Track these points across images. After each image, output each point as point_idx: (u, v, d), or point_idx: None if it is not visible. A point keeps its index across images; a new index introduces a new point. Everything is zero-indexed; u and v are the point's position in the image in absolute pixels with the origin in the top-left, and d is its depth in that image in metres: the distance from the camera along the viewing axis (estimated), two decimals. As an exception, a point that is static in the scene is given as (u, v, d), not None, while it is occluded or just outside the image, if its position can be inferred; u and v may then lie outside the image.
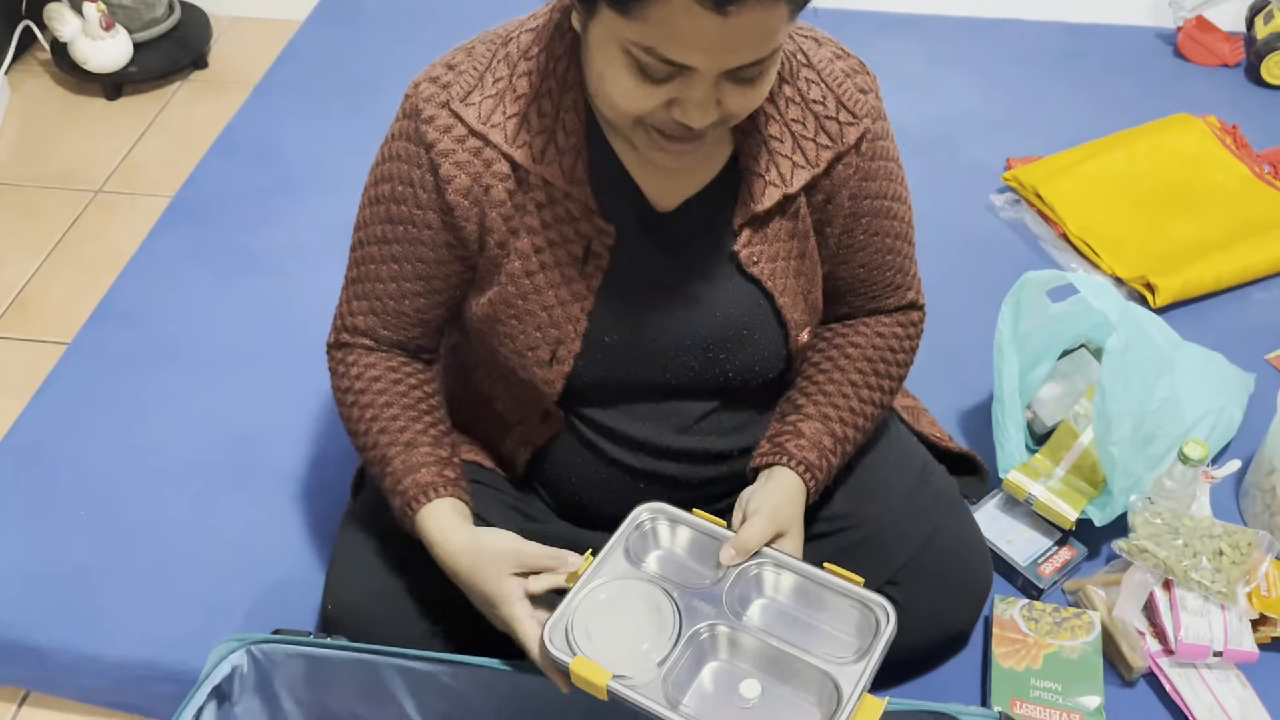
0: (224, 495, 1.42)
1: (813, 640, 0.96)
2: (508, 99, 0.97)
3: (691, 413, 1.10)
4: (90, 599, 1.30)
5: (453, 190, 0.99)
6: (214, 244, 1.81)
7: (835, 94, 1.01)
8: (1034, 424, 1.42)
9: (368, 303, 1.08)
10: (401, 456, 1.04)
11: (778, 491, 1.03)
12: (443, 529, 1.01)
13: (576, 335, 1.02)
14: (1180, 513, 1.24)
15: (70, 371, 1.59)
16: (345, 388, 1.10)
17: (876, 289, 1.13)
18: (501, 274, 1.02)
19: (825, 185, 1.03)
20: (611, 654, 0.92)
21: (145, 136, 2.17)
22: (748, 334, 1.06)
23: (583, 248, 1.00)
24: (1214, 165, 1.88)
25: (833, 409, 1.09)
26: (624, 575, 0.99)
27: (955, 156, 1.94)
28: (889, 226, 1.09)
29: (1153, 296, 1.64)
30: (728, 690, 0.94)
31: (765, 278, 1.04)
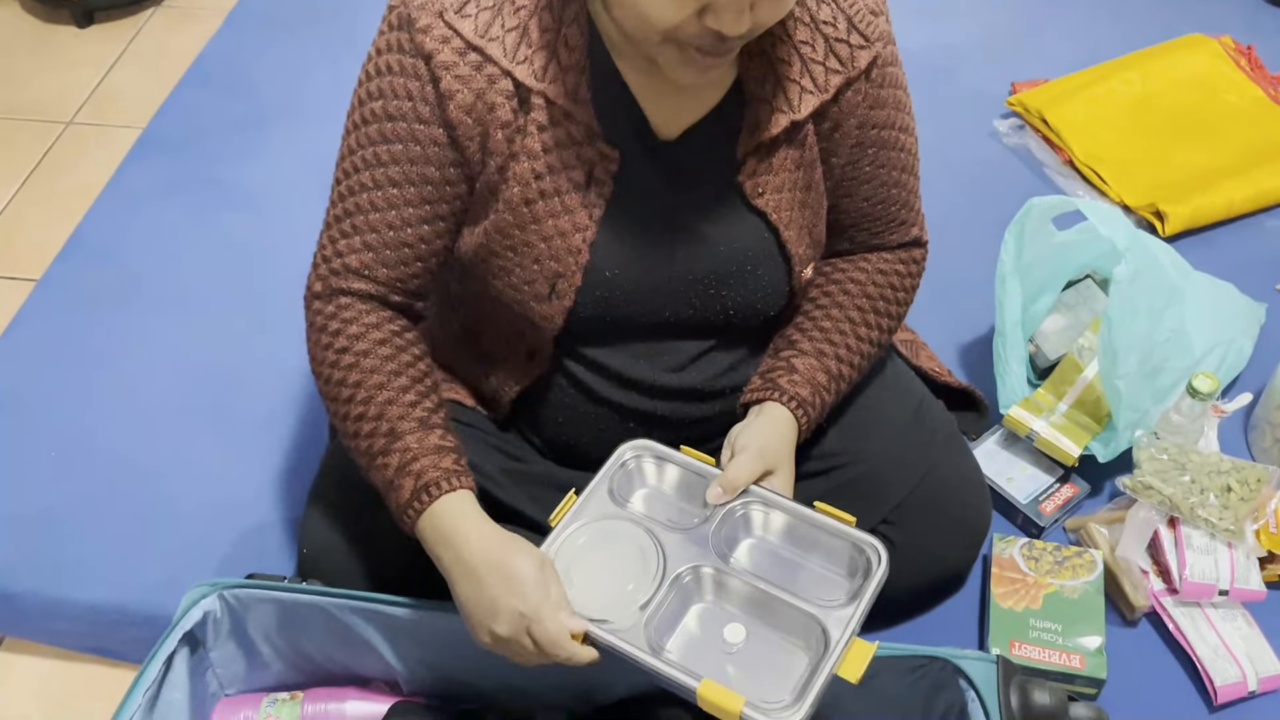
0: (199, 437, 1.38)
1: (801, 582, 0.92)
2: (506, 11, 0.90)
3: (687, 351, 1.06)
4: (61, 542, 1.27)
5: (455, 106, 0.92)
6: (187, 177, 1.75)
7: (846, 15, 0.96)
8: (1036, 358, 1.37)
9: (361, 237, 0.97)
10: (415, 434, 0.93)
11: (767, 427, 1.00)
12: (469, 515, 0.91)
13: (577, 268, 0.97)
14: (1187, 448, 1.20)
15: (39, 310, 1.54)
16: (340, 347, 0.97)
17: (880, 224, 1.09)
18: (499, 202, 0.96)
19: (833, 113, 0.99)
20: (593, 598, 0.89)
21: (118, 66, 2.10)
22: (751, 269, 1.02)
23: (585, 173, 0.95)
24: (1227, 88, 1.81)
25: (828, 345, 1.05)
26: (607, 515, 0.96)
27: (957, 81, 1.88)
28: (896, 159, 1.04)
29: (1162, 225, 1.59)
30: (713, 634, 0.91)
31: (770, 210, 0.99)
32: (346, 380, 0.96)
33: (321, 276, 0.99)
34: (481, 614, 0.88)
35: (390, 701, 1.08)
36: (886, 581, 0.91)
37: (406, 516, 0.92)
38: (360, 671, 1.10)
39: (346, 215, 0.97)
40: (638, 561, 0.92)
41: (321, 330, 0.98)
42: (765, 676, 0.88)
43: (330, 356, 0.97)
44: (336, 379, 0.96)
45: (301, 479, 1.31)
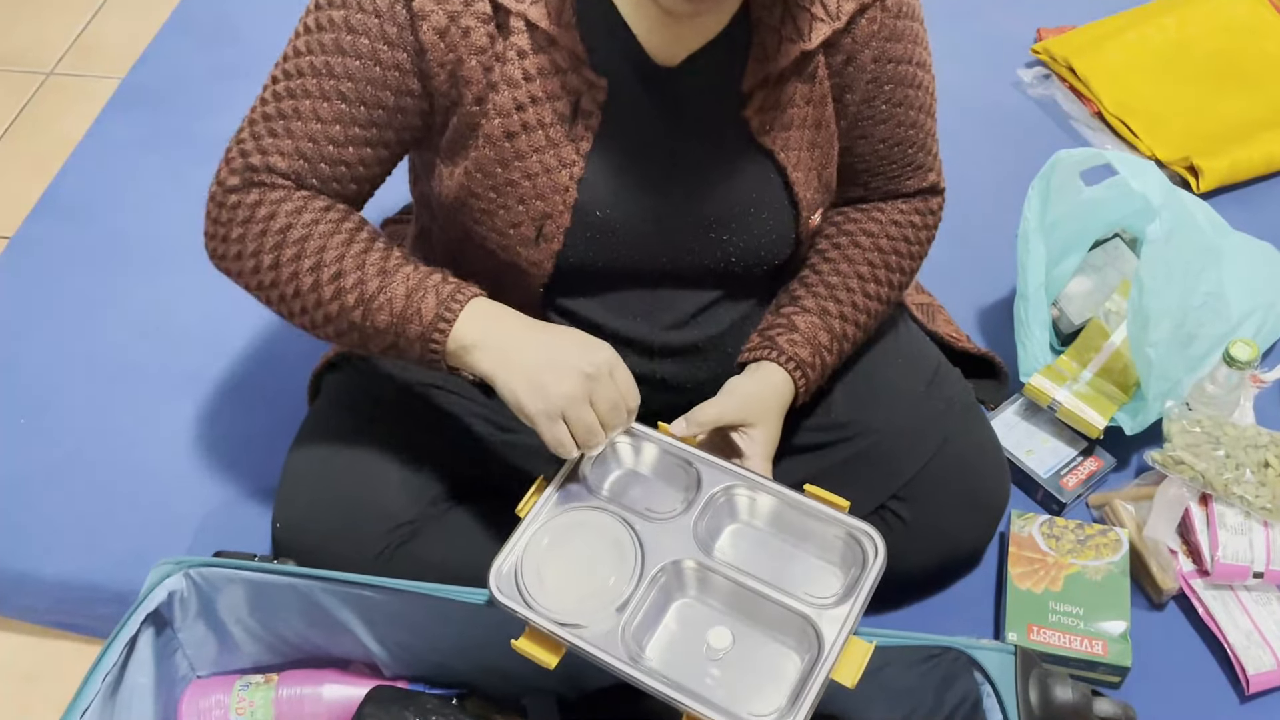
0: (172, 403, 1.32)
1: (791, 575, 0.86)
2: None
3: (687, 306, 1.00)
4: (28, 514, 1.22)
5: (428, 28, 0.85)
6: (166, 131, 1.69)
7: None
8: (1060, 322, 1.31)
9: (295, 142, 0.89)
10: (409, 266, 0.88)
11: (758, 382, 0.95)
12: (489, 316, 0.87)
13: (565, 208, 0.91)
14: (1222, 420, 1.13)
15: (9, 269, 1.49)
16: (283, 225, 0.89)
17: (896, 168, 1.02)
18: (478, 137, 0.90)
19: (846, 44, 0.92)
20: (565, 599, 0.83)
21: (100, 13, 2.02)
22: (755, 212, 0.96)
23: (570, 104, 0.89)
24: (1266, 34, 1.74)
25: (834, 303, 0.99)
26: (579, 504, 0.89)
27: (979, 26, 1.80)
28: (913, 97, 0.98)
29: (1196, 181, 1.53)
30: (696, 636, 0.85)
31: (778, 148, 0.93)
32: (305, 250, 0.88)
33: (238, 170, 0.91)
34: (566, 357, 0.85)
35: (369, 685, 1.03)
36: (897, 560, 0.85)
37: (438, 332, 0.86)
38: (338, 654, 1.05)
39: (280, 116, 0.90)
40: (614, 557, 0.86)
41: (249, 221, 0.90)
42: (754, 683, 0.82)
43: (272, 240, 0.89)
44: (290, 255, 0.88)
45: (280, 447, 1.25)
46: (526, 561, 0.85)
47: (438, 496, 1.04)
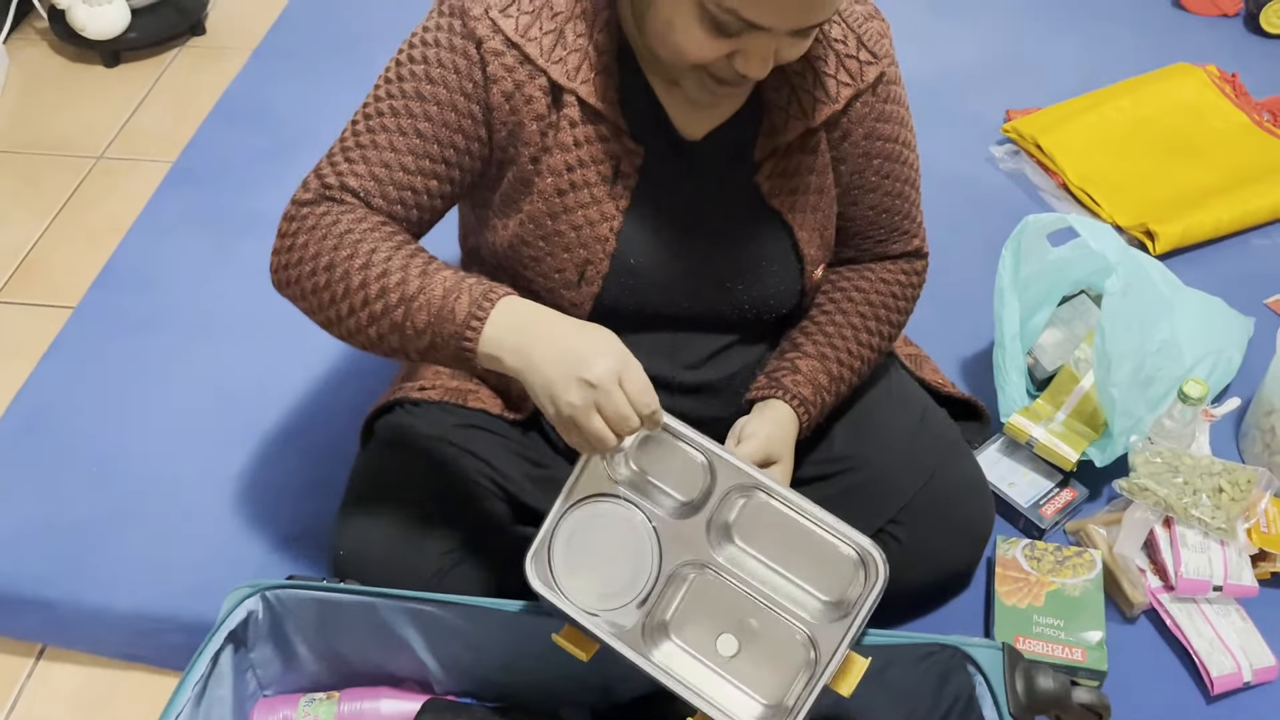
0: (231, 452, 1.43)
1: (797, 585, 0.92)
2: (544, 15, 0.98)
3: (705, 347, 1.12)
4: (102, 553, 1.32)
5: (498, 91, 0.98)
6: (215, 208, 1.82)
7: (856, 33, 1.04)
8: (1035, 369, 1.43)
9: (369, 168, 0.97)
10: (444, 271, 0.92)
11: (772, 421, 1.05)
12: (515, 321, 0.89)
13: (605, 256, 1.04)
14: (1180, 452, 1.25)
15: (76, 334, 1.60)
16: (344, 230, 0.93)
17: (884, 233, 1.15)
18: (533, 192, 1.02)
19: (843, 122, 1.06)
20: (591, 591, 0.91)
21: (145, 103, 2.17)
22: (766, 265, 1.08)
23: (612, 167, 1.02)
24: (1213, 113, 1.88)
25: (831, 349, 1.11)
26: (604, 494, 0.94)
27: (955, 109, 1.95)
28: (899, 170, 1.11)
29: (1153, 244, 1.65)
30: (706, 638, 0.93)
31: (785, 210, 1.06)
32: (359, 251, 0.92)
33: (313, 189, 0.98)
34: (572, 364, 0.86)
35: (422, 699, 1.13)
36: (895, 581, 0.92)
37: (470, 329, 0.88)
38: (394, 671, 1.15)
39: (359, 147, 0.98)
40: (635, 553, 0.91)
41: (314, 228, 0.95)
42: (757, 689, 0.92)
43: (332, 241, 0.93)
44: (345, 255, 0.92)
45: (331, 490, 1.36)
46: (555, 551, 0.92)
47: (483, 524, 1.14)
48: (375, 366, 1.51)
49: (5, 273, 1.80)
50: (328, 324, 0.96)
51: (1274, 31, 2.11)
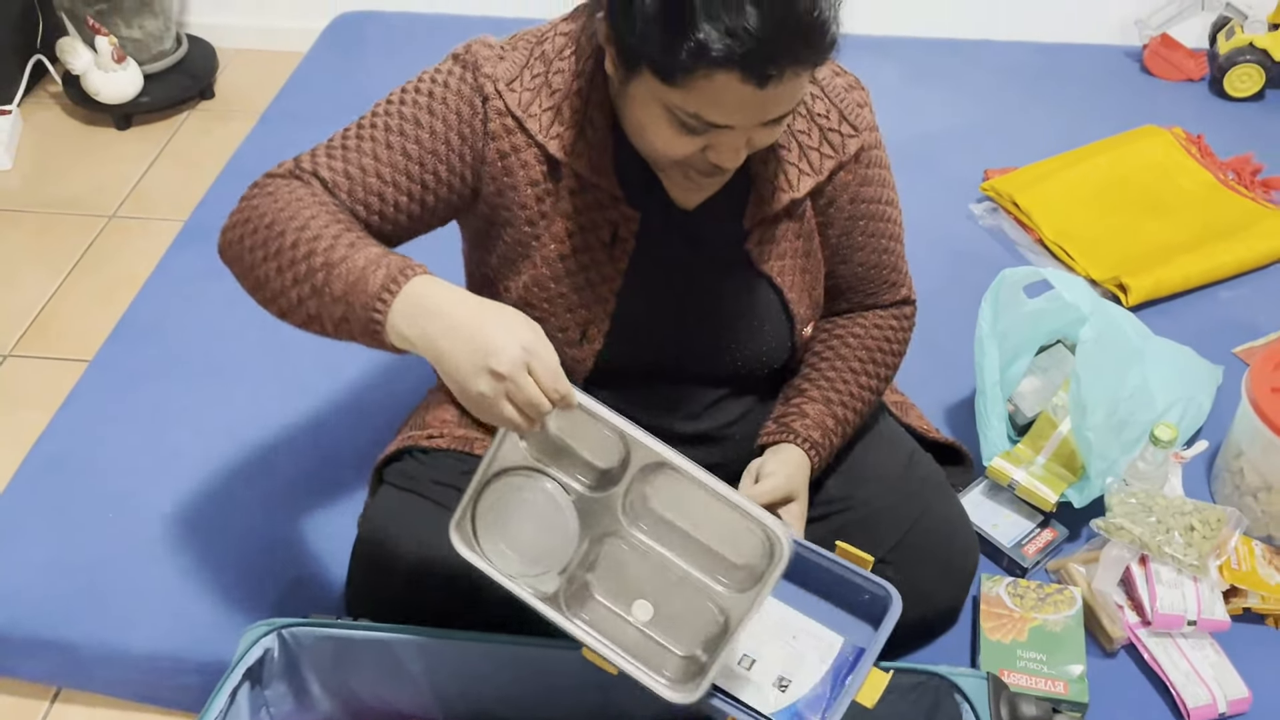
0: (245, 497, 1.48)
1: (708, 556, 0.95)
2: (543, 94, 1.05)
3: (701, 399, 1.18)
4: (118, 596, 1.36)
5: (494, 148, 1.04)
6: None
7: (838, 108, 1.11)
8: (1015, 416, 1.50)
9: (345, 165, 1.00)
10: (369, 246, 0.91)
11: (787, 462, 1.12)
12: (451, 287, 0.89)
13: (605, 315, 1.10)
14: (1153, 493, 1.32)
15: (94, 385, 1.65)
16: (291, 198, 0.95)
17: (873, 286, 1.22)
18: (536, 256, 1.09)
19: (828, 191, 1.13)
20: (513, 558, 0.97)
21: (155, 164, 2.25)
22: (757, 324, 1.14)
23: (610, 232, 1.08)
24: (1180, 173, 1.97)
25: (834, 393, 1.17)
26: (524, 468, 0.96)
27: (936, 169, 2.03)
28: (884, 228, 1.18)
29: (1125, 296, 1.72)
30: (623, 606, 0.97)
31: (774, 274, 1.13)
32: (299, 214, 0.93)
33: (285, 168, 1.01)
34: (480, 356, 0.84)
35: (431, 734, 1.17)
36: None
37: (380, 303, 0.87)
38: (403, 708, 1.19)
39: (342, 149, 1.01)
40: (554, 523, 0.95)
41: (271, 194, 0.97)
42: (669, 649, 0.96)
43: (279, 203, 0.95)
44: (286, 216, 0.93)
45: (341, 533, 1.41)
46: (479, 521, 0.96)
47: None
48: (383, 415, 1.57)
49: (21, 326, 1.86)
50: (257, 286, 0.96)
51: (1237, 95, 2.22)
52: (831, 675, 0.99)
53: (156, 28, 2.32)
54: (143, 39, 2.31)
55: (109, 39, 2.19)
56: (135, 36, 2.29)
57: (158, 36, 2.34)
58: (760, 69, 0.87)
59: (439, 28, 2.46)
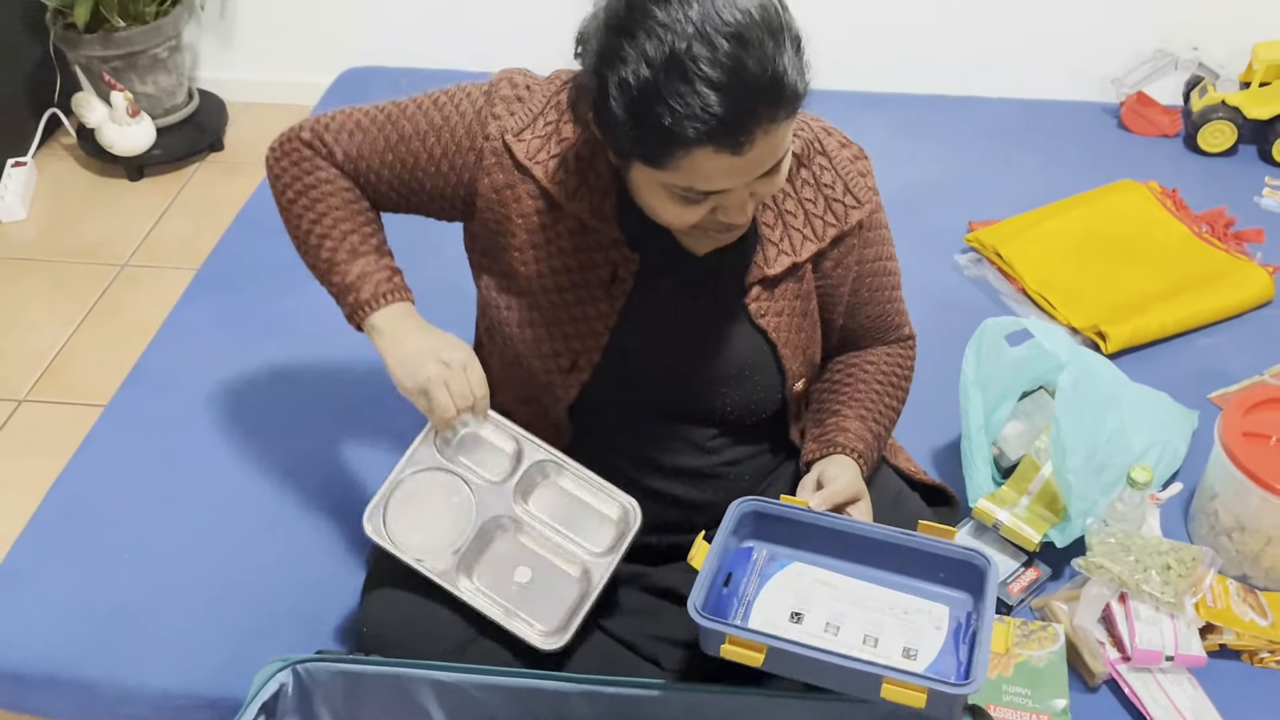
0: (254, 539, 1.53)
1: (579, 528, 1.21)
2: (552, 141, 1.12)
3: (693, 438, 1.23)
4: (134, 635, 1.40)
5: (489, 182, 1.14)
6: (238, 311, 1.94)
7: (843, 179, 1.18)
8: (1000, 459, 1.56)
9: (356, 147, 1.19)
10: (360, 262, 1.19)
11: (847, 468, 1.19)
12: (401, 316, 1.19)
13: (597, 348, 1.17)
14: (1132, 533, 1.37)
15: (108, 430, 1.70)
16: (311, 183, 1.20)
17: (880, 331, 1.31)
18: (535, 285, 1.16)
19: (831, 255, 1.20)
20: (416, 539, 1.18)
21: (166, 215, 2.32)
22: (749, 374, 1.20)
23: (610, 272, 1.15)
24: (1156, 226, 2.05)
25: (866, 410, 1.25)
26: (431, 466, 1.22)
27: (922, 220, 2.10)
28: (885, 281, 1.27)
29: (1104, 343, 1.79)
30: (507, 570, 1.20)
31: (770, 329, 1.19)
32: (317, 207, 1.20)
33: (313, 132, 1.21)
34: (432, 350, 1.15)
35: (439, 768, 1.21)
36: None
37: (363, 310, 1.18)
38: (412, 742, 1.23)
39: (359, 129, 1.19)
40: (455, 510, 1.20)
41: (303, 172, 1.21)
42: (546, 606, 1.18)
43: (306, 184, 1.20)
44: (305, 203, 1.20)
45: (351, 573, 1.46)
46: (390, 509, 1.19)
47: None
48: (392, 458, 1.62)
49: (36, 372, 1.92)
50: (285, 224, 1.25)
51: (1211, 150, 2.31)
52: (951, 639, 1.06)
53: (170, 83, 2.41)
54: (156, 94, 2.39)
55: (124, 94, 2.27)
56: (149, 92, 2.37)
57: (170, 92, 2.42)
58: (731, 140, 0.93)
59: (441, 82, 2.54)
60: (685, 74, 0.90)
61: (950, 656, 1.04)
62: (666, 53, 0.90)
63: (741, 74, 0.91)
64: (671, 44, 0.90)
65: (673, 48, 0.90)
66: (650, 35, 0.91)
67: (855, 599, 1.09)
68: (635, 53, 0.92)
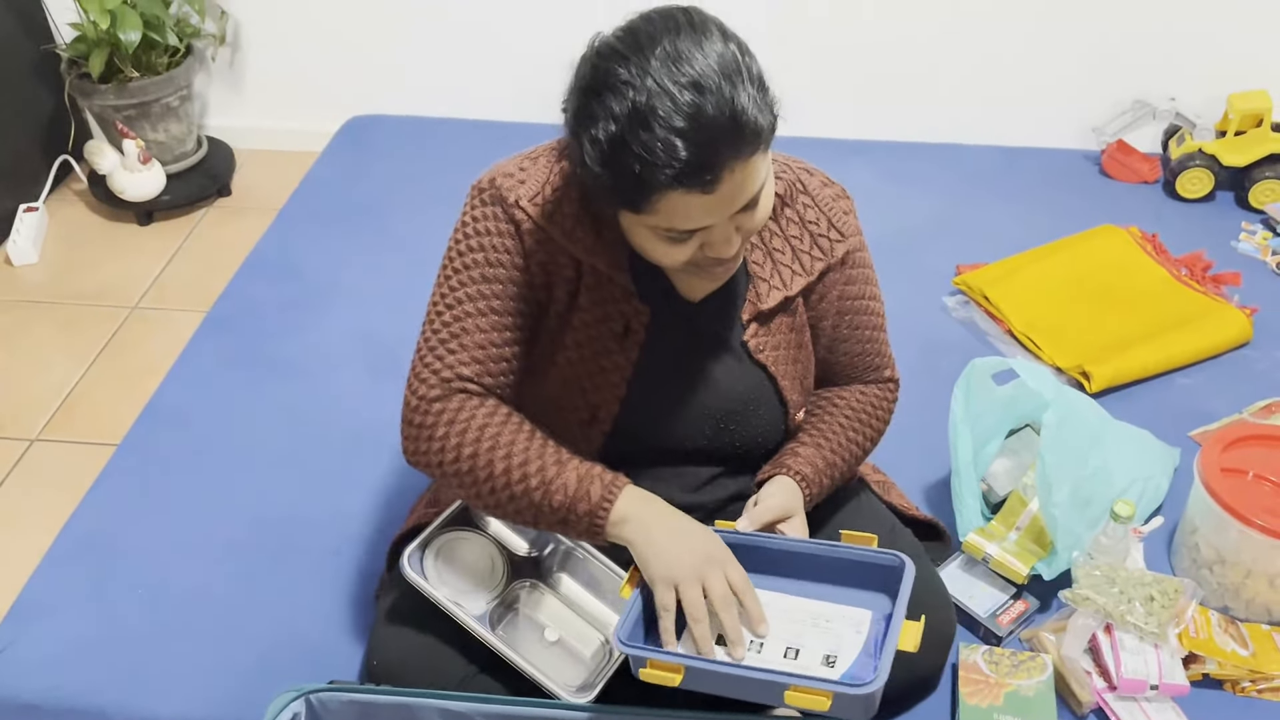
0: (266, 573, 1.57)
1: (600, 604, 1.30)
2: (565, 203, 1.17)
3: (700, 475, 1.29)
4: (149, 667, 1.44)
5: (534, 262, 1.18)
6: (246, 352, 2.00)
7: (827, 216, 1.24)
8: (989, 495, 1.61)
9: (469, 353, 1.16)
10: (576, 461, 1.14)
11: (783, 488, 1.23)
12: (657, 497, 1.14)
13: (615, 399, 1.22)
14: (1116, 566, 1.42)
15: (121, 468, 1.75)
16: (478, 429, 1.14)
17: (859, 370, 1.35)
18: (558, 346, 1.21)
19: (818, 289, 1.26)
20: (452, 587, 1.25)
21: (175, 258, 2.37)
22: (753, 409, 1.26)
23: (623, 325, 1.20)
24: (1138, 269, 2.12)
25: (824, 440, 1.29)
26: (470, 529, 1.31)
27: (911, 264, 2.17)
28: (868, 320, 1.32)
29: (1088, 383, 1.85)
30: (537, 630, 1.28)
31: (769, 363, 1.25)
32: (496, 450, 1.13)
33: (433, 385, 1.16)
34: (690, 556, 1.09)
35: (446, 797, 1.24)
36: None
37: (603, 510, 1.11)
38: (420, 771, 1.27)
39: (451, 336, 1.17)
40: (488, 569, 1.28)
41: (453, 423, 1.14)
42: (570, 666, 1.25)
43: (472, 435, 1.14)
44: (486, 448, 1.13)
45: (358, 607, 1.50)
46: (427, 558, 1.25)
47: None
48: (398, 494, 1.67)
49: (48, 411, 1.96)
50: (467, 496, 1.17)
51: (1189, 196, 2.39)
52: (871, 643, 1.11)
53: (180, 131, 2.47)
54: (167, 141, 2.45)
55: (136, 142, 2.33)
56: (160, 139, 2.44)
57: (181, 139, 2.48)
58: (699, 180, 0.99)
59: (444, 131, 2.62)
60: (649, 125, 0.96)
61: (868, 659, 1.09)
62: (629, 108, 0.97)
63: (700, 118, 0.97)
64: (633, 99, 0.97)
65: (634, 102, 0.97)
66: (615, 93, 0.98)
67: (780, 612, 1.14)
68: (603, 111, 0.99)
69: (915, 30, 2.49)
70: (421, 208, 2.38)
